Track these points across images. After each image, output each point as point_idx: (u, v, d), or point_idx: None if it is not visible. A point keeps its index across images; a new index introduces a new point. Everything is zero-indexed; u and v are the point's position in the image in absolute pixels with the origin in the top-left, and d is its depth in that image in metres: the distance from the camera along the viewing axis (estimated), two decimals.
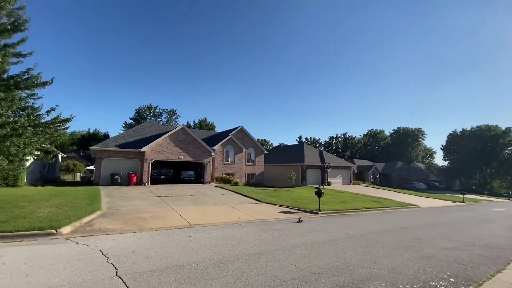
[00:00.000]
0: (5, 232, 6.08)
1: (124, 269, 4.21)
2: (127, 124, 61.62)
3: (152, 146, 22.26)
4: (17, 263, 4.38)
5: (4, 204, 8.98)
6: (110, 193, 14.52)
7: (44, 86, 9.76)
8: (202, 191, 17.64)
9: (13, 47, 9.65)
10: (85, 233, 6.71)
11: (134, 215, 9.10)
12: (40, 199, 10.63)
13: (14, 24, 9.31)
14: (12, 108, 8.81)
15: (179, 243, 5.94)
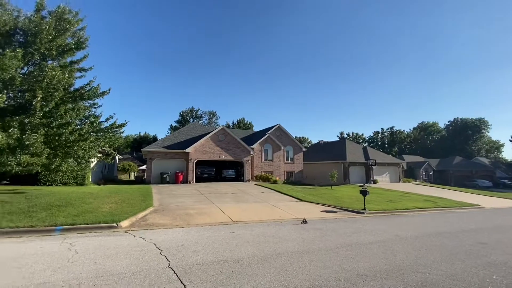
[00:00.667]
0: (77, 225, 7.02)
1: (175, 261, 4.54)
2: (173, 126, 65.99)
3: (195, 146, 23.50)
4: (87, 252, 5.02)
5: (75, 200, 10.36)
6: (160, 190, 15.76)
7: (102, 96, 11.05)
8: (242, 189, 18.07)
9: (77, 63, 11.10)
10: (140, 227, 7.40)
11: (182, 211, 9.74)
12: (103, 196, 12.01)
13: (77, 43, 10.69)
14: (79, 116, 10.15)
15: (223, 238, 6.18)
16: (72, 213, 8.05)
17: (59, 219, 7.37)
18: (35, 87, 8.60)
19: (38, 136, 7.88)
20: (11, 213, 7.74)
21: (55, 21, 9.61)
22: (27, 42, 9.41)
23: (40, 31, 9.12)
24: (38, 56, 9.61)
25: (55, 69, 9.15)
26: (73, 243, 5.57)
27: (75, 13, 10.64)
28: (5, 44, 9.14)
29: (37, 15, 9.71)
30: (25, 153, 7.90)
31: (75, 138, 9.38)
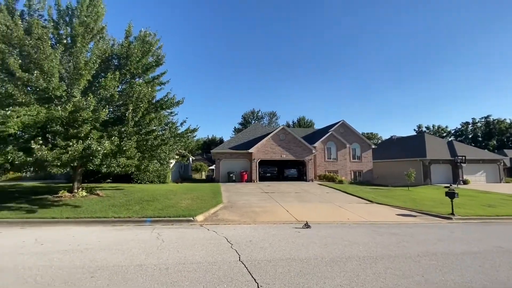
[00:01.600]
0: (162, 217, 8.13)
1: (244, 255, 4.81)
2: (236, 128, 69.65)
3: (257, 147, 24.28)
4: (171, 241, 5.78)
5: (159, 196, 12.01)
6: (227, 189, 16.87)
7: (178, 105, 12.54)
8: (305, 188, 17.78)
9: (157, 79, 12.89)
10: (212, 221, 8.08)
11: (248, 209, 10.21)
12: (181, 193, 13.58)
13: (157, 61, 12.41)
14: (160, 124, 11.80)
15: (289, 237, 6.23)
16: (158, 207, 9.37)
17: (148, 212, 8.69)
18: (127, 102, 10.36)
19: (132, 142, 9.47)
20: (115, 206, 9.50)
21: (140, 44, 11.35)
22: (120, 65, 11.41)
23: (130, 54, 10.93)
24: (129, 75, 11.53)
25: (142, 85, 10.82)
26: (160, 233, 6.48)
27: (154, 35, 12.35)
28: (105, 68, 11.29)
29: (126, 41, 11.67)
30: (123, 156, 9.62)
31: (158, 143, 10.89)
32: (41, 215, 7.94)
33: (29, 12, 10.06)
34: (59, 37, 10.34)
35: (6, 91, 7.95)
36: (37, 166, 9.04)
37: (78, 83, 9.36)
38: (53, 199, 10.40)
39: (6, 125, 7.35)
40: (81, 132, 8.92)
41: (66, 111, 8.70)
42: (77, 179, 11.66)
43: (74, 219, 7.71)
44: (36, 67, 8.37)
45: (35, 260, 4.47)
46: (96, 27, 10.90)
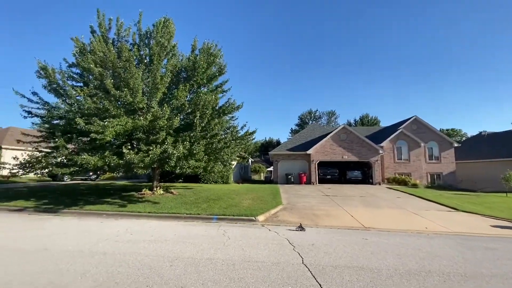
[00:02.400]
0: (226, 215, 8.64)
1: (308, 259, 4.72)
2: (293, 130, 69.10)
3: (316, 148, 23.58)
4: (235, 239, 6.09)
5: (223, 196, 12.79)
6: (286, 190, 16.86)
7: (238, 109, 13.23)
8: (372, 192, 16.40)
9: (220, 87, 13.86)
10: (273, 222, 8.20)
11: (308, 211, 10.00)
12: (242, 193, 14.19)
13: (219, 70, 13.37)
14: (223, 128, 12.63)
15: (356, 244, 5.85)
16: (223, 206, 10.00)
17: (214, 210, 9.35)
18: (195, 109, 11.41)
19: (200, 146, 10.42)
20: (186, 203, 10.54)
21: (205, 56, 12.40)
22: (188, 77, 12.66)
23: (196, 66, 12.04)
24: (196, 86, 12.71)
25: (207, 94, 11.78)
26: (226, 231, 6.91)
27: (215, 46, 13.31)
28: (176, 81, 12.70)
29: (192, 55, 12.89)
30: (192, 159, 10.64)
31: (222, 146, 11.67)
32: (130, 209, 9.38)
33: (118, 39, 12.08)
34: (140, 58, 12.11)
35: (103, 106, 9.71)
36: (126, 168, 10.74)
37: (156, 96, 10.76)
38: (138, 195, 12.17)
39: (104, 134, 8.97)
40: (158, 138, 10.21)
41: (147, 121, 10.11)
42: (156, 178, 13.37)
43: (154, 213, 8.86)
44: (125, 85, 9.98)
45: (127, 247, 5.31)
46: (169, 45, 12.36)
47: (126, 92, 9.72)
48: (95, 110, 9.64)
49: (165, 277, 3.87)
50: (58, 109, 11.06)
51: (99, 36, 11.32)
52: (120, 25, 11.86)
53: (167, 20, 12.45)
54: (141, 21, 12.21)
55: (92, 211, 9.20)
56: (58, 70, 10.86)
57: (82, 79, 11.74)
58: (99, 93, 10.31)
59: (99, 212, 9.10)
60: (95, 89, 10.43)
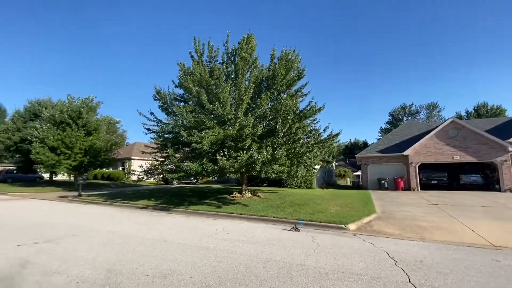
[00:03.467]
0: (313, 221, 8.42)
1: (416, 278, 4.06)
2: (383, 129, 61.97)
3: (415, 148, 20.35)
4: (326, 247, 5.85)
5: (308, 201, 12.56)
6: (379, 197, 15.14)
7: (319, 111, 12.87)
8: (501, 201, 12.84)
9: (300, 91, 13.88)
10: (367, 232, 7.46)
11: (410, 222, 8.65)
12: (328, 198, 13.59)
13: (298, 75, 13.42)
14: (305, 132, 12.49)
15: (482, 266, 4.66)
16: (309, 211, 9.82)
17: (300, 215, 9.28)
18: (277, 116, 11.77)
19: (283, 151, 10.65)
20: (272, 207, 10.87)
21: (284, 63, 12.71)
22: (268, 85, 13.21)
23: (276, 74, 12.47)
24: (276, 93, 13.13)
25: (287, 99, 11.99)
26: (314, 237, 6.73)
27: (293, 51, 13.44)
28: (258, 91, 13.45)
29: (272, 64, 13.41)
30: (276, 164, 10.97)
31: (304, 150, 11.57)
32: (224, 210, 10.39)
33: (210, 60, 13.78)
34: (227, 73, 13.46)
35: (200, 119, 11.21)
36: (220, 172, 12.01)
37: (241, 107, 11.68)
38: (230, 198, 13.37)
39: (202, 143, 10.33)
40: (245, 145, 11.00)
41: (235, 130, 11.07)
42: (244, 182, 14.39)
43: (245, 215, 9.51)
44: (216, 99, 11.26)
45: (225, 245, 5.87)
46: (251, 59, 13.29)
47: (217, 105, 10.94)
48: (194, 123, 11.25)
49: (260, 277, 4.06)
50: (168, 125, 13.45)
51: (196, 60, 13.23)
52: (211, 47, 13.53)
53: (250, 36, 13.43)
54: (228, 41, 13.61)
55: (195, 210, 10.67)
56: (167, 92, 13.26)
57: (184, 97, 13.93)
58: (197, 109, 11.98)
59: (200, 211, 10.47)
60: (194, 105, 12.19)
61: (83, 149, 22.48)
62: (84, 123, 23.28)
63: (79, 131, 22.75)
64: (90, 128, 23.71)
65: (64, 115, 22.42)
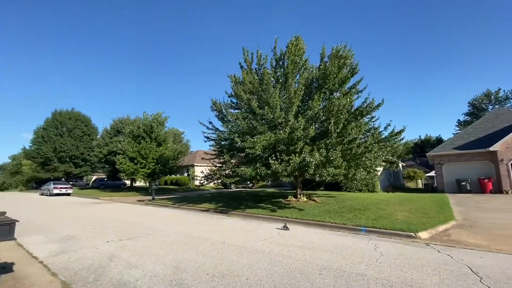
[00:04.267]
0: (376, 228, 7.72)
1: None
2: (462, 122, 53.26)
3: (506, 142, 16.89)
4: (391, 256, 5.30)
5: (370, 205, 11.61)
6: (460, 201, 13.00)
7: (378, 108, 11.84)
8: None
9: (354, 88, 13.05)
10: (443, 242, 6.48)
11: (503, 231, 7.17)
12: (394, 203, 12.31)
13: (351, 71, 12.66)
14: (361, 131, 11.63)
15: None
16: (371, 217, 9.07)
17: (361, 221, 8.64)
18: (329, 116, 11.31)
19: (337, 152, 10.15)
20: (330, 212, 10.40)
21: (335, 61, 12.18)
22: (319, 85, 12.82)
23: (327, 74, 12.04)
24: (328, 92, 12.65)
25: (339, 98, 11.44)
26: (377, 245, 6.18)
27: (344, 47, 12.77)
28: (309, 92, 13.17)
29: (322, 63, 12.99)
30: (331, 166, 10.50)
31: (362, 151, 10.78)
32: (279, 214, 10.41)
33: (259, 67, 14.15)
34: (276, 78, 13.60)
35: (252, 125, 11.57)
36: (273, 176, 12.11)
37: (291, 110, 11.62)
38: (284, 202, 13.33)
39: (254, 148, 10.62)
40: (297, 148, 10.87)
41: (286, 133, 11.06)
42: (299, 186, 14.17)
43: (300, 219, 9.35)
44: (266, 104, 11.48)
45: (280, 249, 5.88)
46: (300, 61, 13.18)
47: (267, 110, 11.13)
48: (247, 129, 11.68)
49: (315, 284, 3.93)
50: (224, 132, 14.27)
51: (246, 69, 13.79)
52: (259, 55, 13.90)
53: (297, 38, 13.36)
54: (276, 47, 13.76)
55: (251, 214, 10.98)
56: (222, 102, 14.14)
57: (237, 106, 14.61)
58: (249, 115, 12.42)
59: (256, 215, 10.72)
60: (246, 112, 12.67)
61: (155, 158, 25.53)
62: (155, 136, 26.45)
63: (151, 143, 25.96)
64: (160, 140, 26.81)
65: (140, 130, 25.95)
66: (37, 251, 5.92)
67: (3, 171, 76.33)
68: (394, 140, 12.11)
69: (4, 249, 5.76)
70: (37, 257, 5.45)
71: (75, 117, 42.24)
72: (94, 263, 5.06)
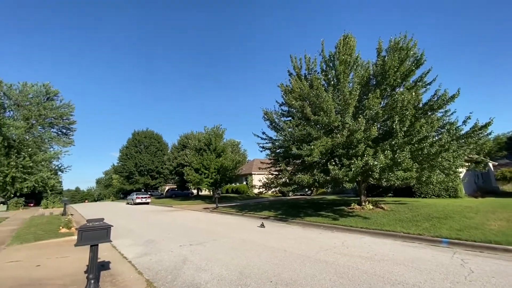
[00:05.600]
0: (462, 240, 6.61)
1: None
2: None
3: None
4: (484, 274, 4.46)
5: (453, 213, 9.99)
6: None
7: (452, 100, 10.26)
8: None
9: (420, 80, 11.65)
10: None
11: None
12: (485, 211, 10.33)
13: (415, 62, 11.37)
14: (434, 128, 10.19)
15: None
16: (454, 227, 7.81)
17: (442, 231, 7.51)
18: (392, 114, 10.31)
19: (405, 153, 9.13)
20: (401, 221, 9.35)
21: (395, 54, 11.16)
22: (378, 82, 11.87)
23: (386, 69, 11.10)
24: (389, 89, 11.61)
25: (403, 93, 10.36)
26: (465, 260, 5.28)
27: (404, 37, 11.59)
28: (366, 90, 12.30)
29: (379, 58, 12.04)
30: (399, 169, 9.48)
31: (436, 150, 9.44)
32: (342, 223, 9.84)
33: (308, 72, 13.97)
34: (328, 80, 13.17)
35: (307, 131, 11.38)
36: (333, 183, 11.57)
37: (348, 111, 11.03)
38: (347, 210, 12.54)
39: (312, 155, 10.39)
40: (358, 151, 10.20)
41: (344, 137, 10.51)
42: (363, 193, 13.17)
43: (366, 229, 8.65)
44: (320, 110, 11.18)
45: (345, 260, 5.55)
46: (351, 59, 12.52)
47: (322, 115, 10.82)
48: (301, 136, 11.54)
49: None
50: (278, 141, 14.40)
51: (294, 76, 13.78)
52: (307, 60, 13.74)
53: (346, 36, 12.77)
54: (324, 50, 13.41)
55: (311, 222, 10.67)
56: (274, 111, 14.37)
57: (289, 113, 14.63)
58: (302, 122, 12.28)
59: (316, 223, 10.37)
60: (299, 119, 12.57)
61: (216, 168, 27.30)
62: (214, 147, 28.39)
63: (212, 154, 27.92)
64: (219, 151, 28.63)
65: (201, 143, 28.25)
66: (126, 252, 6.95)
67: (99, 184, 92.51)
68: (478, 135, 10.27)
69: (102, 249, 6.95)
70: (126, 257, 6.41)
71: (149, 135, 48.60)
72: (170, 265, 5.67)
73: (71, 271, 5.23)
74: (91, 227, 3.94)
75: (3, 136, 26.87)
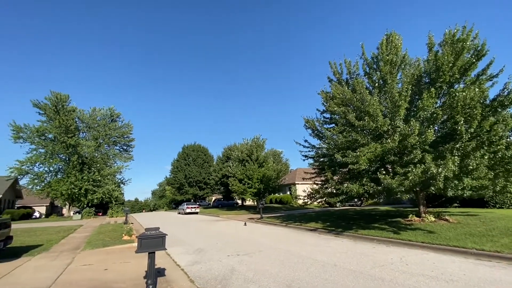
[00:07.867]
0: None
1: None
2: None
3: None
4: None
5: None
6: None
7: None
8: None
9: (484, 73, 10.22)
10: None
11: None
12: None
13: (475, 54, 10.05)
14: (508, 126, 8.74)
15: None
16: None
17: None
18: (453, 114, 9.20)
19: (477, 159, 7.95)
20: (472, 235, 8.12)
21: (449, 48, 10.07)
22: (431, 80, 10.78)
23: (439, 65, 10.05)
24: (445, 86, 10.44)
25: (464, 90, 9.20)
26: None
27: (461, 29, 10.40)
28: (418, 90, 11.24)
29: (431, 54, 10.97)
30: (468, 177, 8.28)
31: None
32: (399, 236, 8.93)
33: (350, 77, 13.38)
34: (373, 83, 12.42)
35: (352, 138, 10.81)
36: (386, 192, 10.66)
37: (398, 114, 10.20)
38: (404, 222, 11.37)
39: (358, 163, 9.80)
40: (414, 157, 9.27)
41: (395, 142, 9.69)
42: (422, 203, 11.84)
43: (429, 244, 7.69)
44: (365, 114, 10.57)
45: (405, 278, 4.99)
46: (397, 59, 11.65)
47: (368, 120, 10.19)
48: (346, 143, 11.00)
49: None
50: (321, 149, 13.96)
51: (335, 82, 13.33)
52: (348, 63, 13.20)
53: (389, 35, 12.00)
54: (364, 53, 12.76)
55: (363, 235, 9.92)
56: (316, 119, 14.04)
57: (332, 120, 14.13)
58: (347, 128, 11.73)
59: (370, 237, 9.60)
60: (342, 126, 12.04)
61: (259, 178, 27.54)
62: (256, 157, 28.77)
63: (254, 164, 28.33)
64: (260, 161, 28.92)
65: (244, 154, 28.94)
66: (179, 260, 7.35)
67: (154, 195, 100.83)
68: None
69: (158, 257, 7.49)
70: (179, 265, 6.77)
71: (197, 148, 51.73)
72: (219, 274, 5.81)
73: (133, 275, 5.73)
74: (149, 236, 4.29)
75: (78, 154, 31.38)
